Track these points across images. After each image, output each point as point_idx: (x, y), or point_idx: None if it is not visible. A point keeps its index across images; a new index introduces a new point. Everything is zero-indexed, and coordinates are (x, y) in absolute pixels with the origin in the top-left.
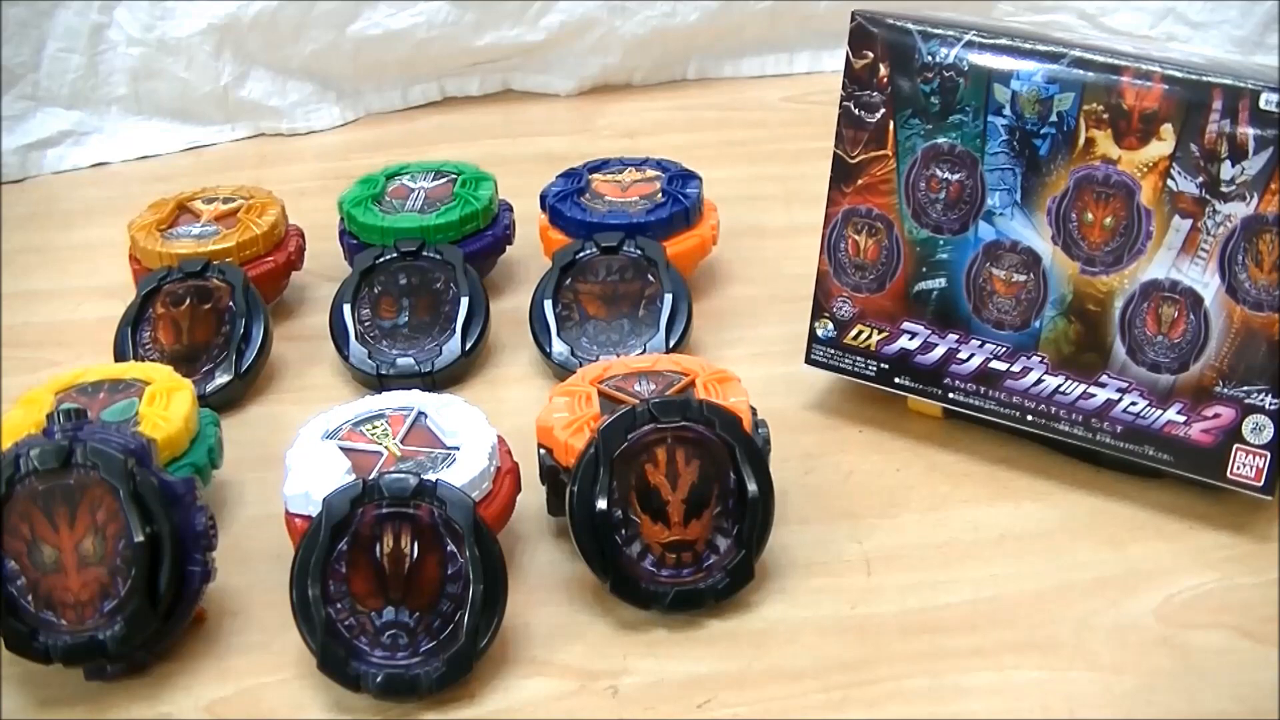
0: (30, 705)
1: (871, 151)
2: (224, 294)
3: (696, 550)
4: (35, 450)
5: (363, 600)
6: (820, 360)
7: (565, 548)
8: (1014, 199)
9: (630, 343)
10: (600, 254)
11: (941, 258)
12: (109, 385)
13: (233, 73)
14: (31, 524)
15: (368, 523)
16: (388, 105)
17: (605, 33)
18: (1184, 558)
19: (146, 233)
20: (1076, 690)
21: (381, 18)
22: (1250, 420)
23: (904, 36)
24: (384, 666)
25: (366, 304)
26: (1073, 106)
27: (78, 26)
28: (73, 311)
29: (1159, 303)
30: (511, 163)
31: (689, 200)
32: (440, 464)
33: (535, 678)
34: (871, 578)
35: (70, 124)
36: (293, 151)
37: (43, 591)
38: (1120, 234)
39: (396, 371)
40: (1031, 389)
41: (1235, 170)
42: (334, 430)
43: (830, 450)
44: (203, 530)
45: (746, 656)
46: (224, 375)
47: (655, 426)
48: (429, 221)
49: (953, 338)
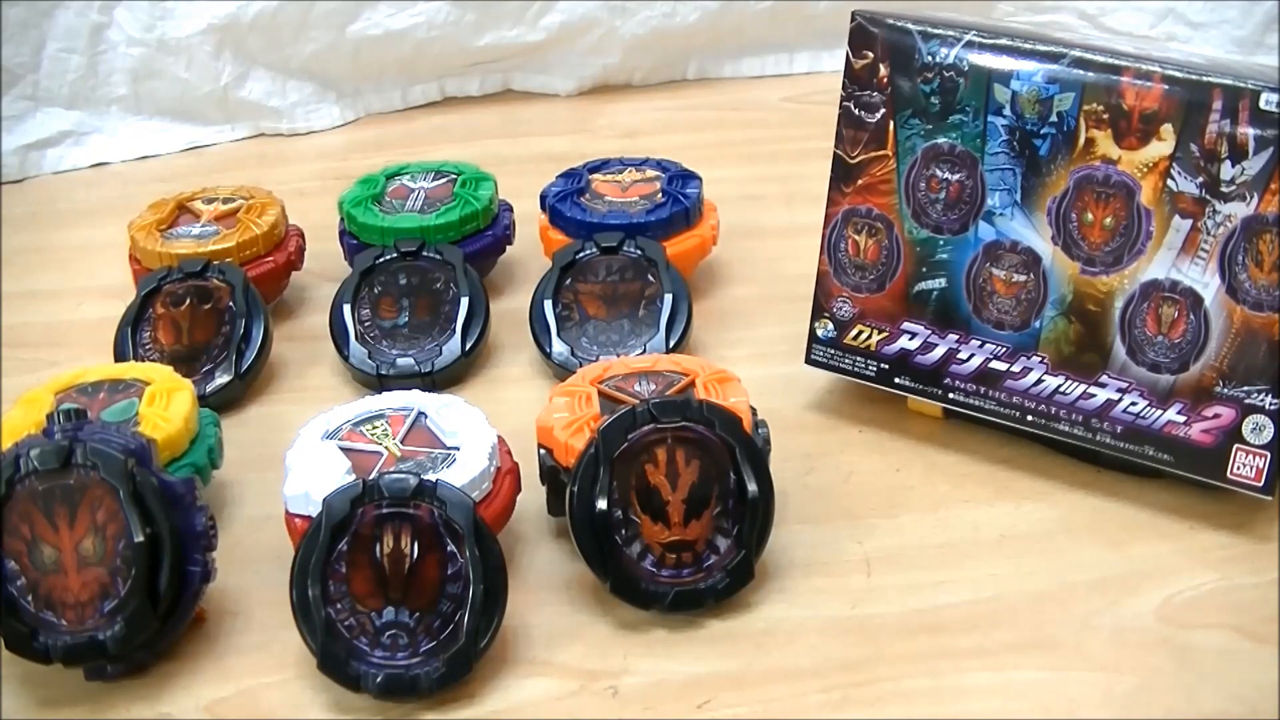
0: (30, 705)
1: (871, 151)
2: (224, 294)
3: (696, 550)
4: (35, 450)
5: (363, 600)
6: (820, 360)
7: (565, 548)
8: (1014, 199)
9: (630, 343)
10: (600, 254)
11: (941, 258)
12: (109, 385)
13: (233, 73)
14: (31, 524)
15: (368, 523)
16: (388, 105)
17: (605, 33)
18: (1184, 558)
19: (146, 233)
20: (1076, 690)
21: (381, 18)
22: (1250, 420)
23: (904, 36)
24: (384, 666)
25: (366, 304)
26: (1073, 106)
27: (78, 26)
28: (73, 311)
29: (1159, 303)
30: (511, 163)
31: (689, 200)
32: (440, 464)
33: (535, 678)
34: (871, 578)
35: (70, 124)
36: (293, 151)
37: (43, 591)
38: (1120, 234)
39: (396, 372)
40: (1031, 389)
41: (1235, 170)
42: (334, 430)
43: (830, 450)
44: (203, 530)
45: (746, 656)
46: (224, 375)
47: (655, 426)
48: (429, 221)
49: (953, 338)
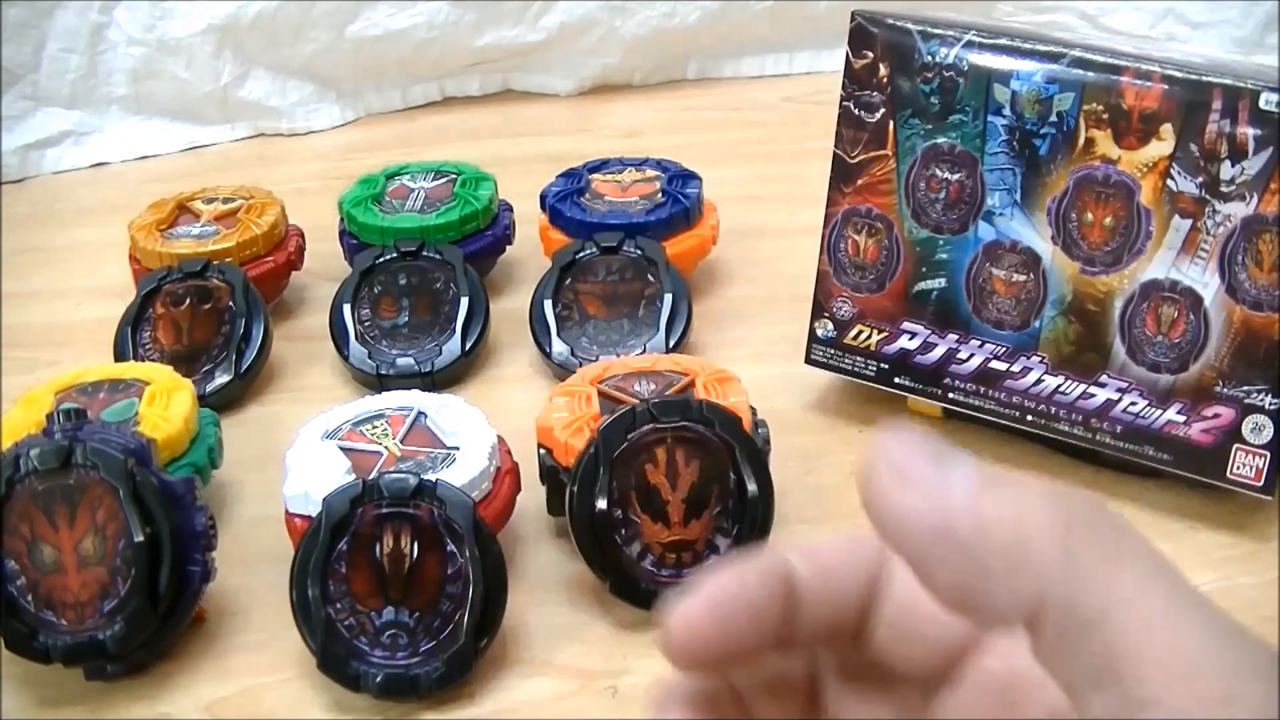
0: (30, 705)
1: (871, 151)
2: (224, 294)
3: (696, 550)
4: (35, 450)
5: (363, 600)
6: (820, 360)
7: (565, 548)
8: (1014, 199)
9: (630, 343)
10: (600, 254)
11: (941, 258)
12: (109, 385)
13: (233, 73)
14: (31, 524)
15: (368, 523)
16: (388, 105)
17: (605, 33)
18: (1184, 558)
19: (146, 233)
20: None
21: (381, 18)
22: (1250, 420)
23: (904, 36)
24: (384, 666)
25: (366, 304)
26: (1073, 106)
27: (78, 26)
28: (73, 311)
29: (1159, 303)
30: (511, 163)
31: (689, 200)
32: (440, 464)
33: (535, 678)
34: None
35: (70, 124)
36: (293, 151)
37: (43, 591)
38: (1120, 234)
39: (396, 371)
40: (1031, 389)
41: (1235, 170)
42: (334, 430)
43: (830, 450)
44: (203, 530)
45: None
46: (224, 375)
47: (655, 426)
48: (429, 221)
49: (953, 338)
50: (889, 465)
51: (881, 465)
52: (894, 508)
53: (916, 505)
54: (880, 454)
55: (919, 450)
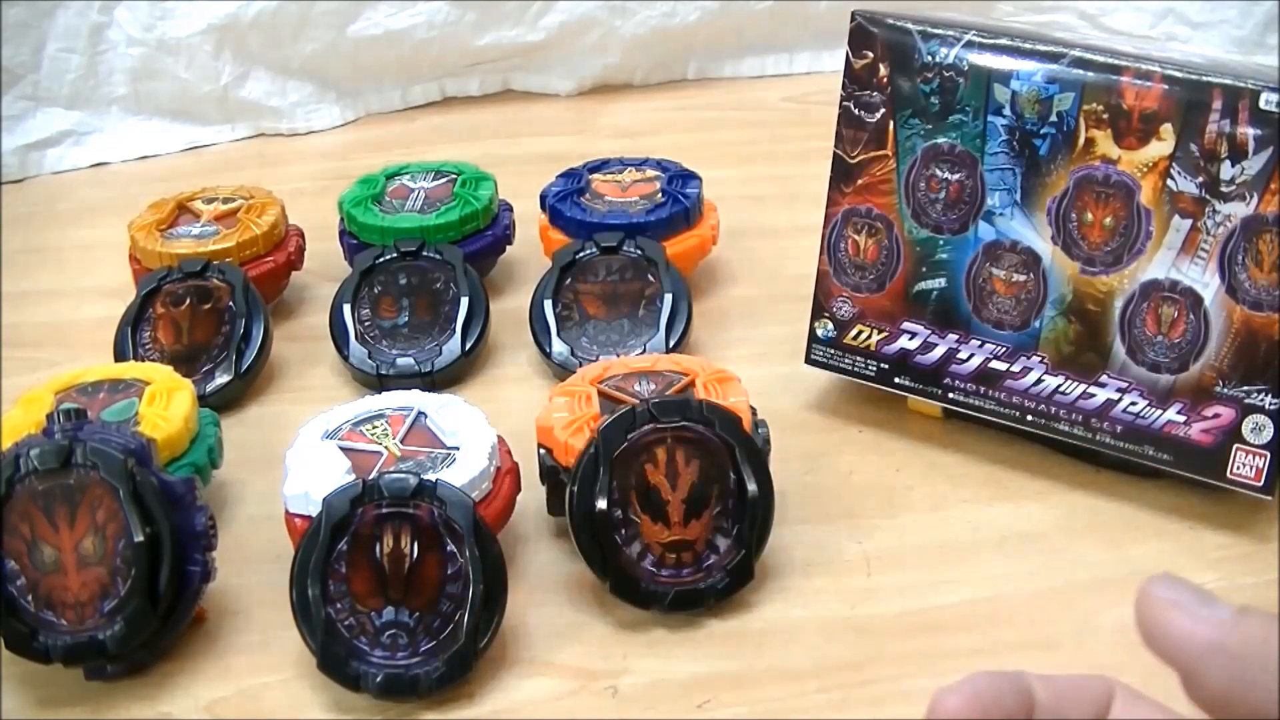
0: (30, 705)
1: (871, 151)
2: (224, 294)
3: (696, 550)
4: (35, 450)
5: (363, 600)
6: (820, 360)
7: (565, 548)
8: (1014, 199)
9: (630, 343)
10: (600, 254)
11: (941, 258)
12: (109, 385)
13: (233, 73)
14: (31, 524)
15: (368, 523)
16: (388, 105)
17: (605, 33)
18: (1184, 558)
19: (146, 233)
20: None
21: (381, 18)
22: (1250, 420)
23: (904, 36)
24: (384, 666)
25: (366, 304)
26: (1073, 106)
27: (78, 26)
28: (73, 311)
29: (1159, 303)
30: (511, 163)
31: (689, 200)
32: (440, 464)
33: (535, 678)
34: (871, 578)
35: (70, 124)
36: (293, 151)
37: (43, 591)
38: (1120, 234)
39: (396, 371)
40: (1031, 389)
41: (1235, 170)
42: (334, 430)
43: (830, 450)
44: (203, 530)
45: (746, 656)
46: (224, 375)
47: (655, 426)
48: (429, 221)
49: (953, 338)
50: (1165, 597)
51: (1158, 596)
52: (1171, 628)
53: (1192, 626)
54: (1154, 589)
55: (1187, 586)
